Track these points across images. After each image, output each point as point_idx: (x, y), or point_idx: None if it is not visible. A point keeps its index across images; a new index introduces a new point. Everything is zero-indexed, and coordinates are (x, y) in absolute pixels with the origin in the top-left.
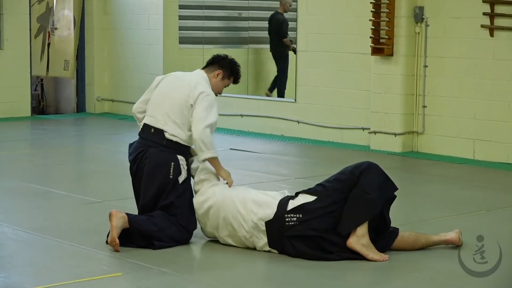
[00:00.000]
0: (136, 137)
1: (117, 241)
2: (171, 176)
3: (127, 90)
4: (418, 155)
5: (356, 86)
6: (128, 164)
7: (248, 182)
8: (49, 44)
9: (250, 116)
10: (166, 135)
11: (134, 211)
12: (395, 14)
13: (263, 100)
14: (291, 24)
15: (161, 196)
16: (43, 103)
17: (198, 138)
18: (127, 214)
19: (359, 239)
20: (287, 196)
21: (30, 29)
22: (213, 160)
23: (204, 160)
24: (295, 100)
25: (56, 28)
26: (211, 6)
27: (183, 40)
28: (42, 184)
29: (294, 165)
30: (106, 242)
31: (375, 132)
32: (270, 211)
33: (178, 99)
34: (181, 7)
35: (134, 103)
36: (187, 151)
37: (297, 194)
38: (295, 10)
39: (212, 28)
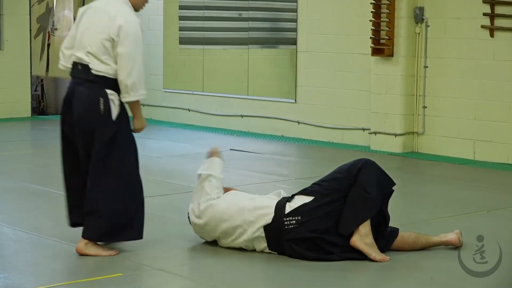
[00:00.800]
0: (137, 137)
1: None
2: (102, 112)
3: None
4: (418, 156)
5: (356, 86)
6: None
7: (249, 183)
8: (49, 45)
9: (250, 116)
10: (92, 71)
11: None
12: (395, 14)
13: (263, 100)
14: (291, 25)
15: (96, 136)
16: (43, 104)
17: (128, 81)
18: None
19: (363, 238)
20: (284, 198)
21: (30, 30)
22: (136, 104)
23: (127, 102)
24: (295, 100)
25: (56, 29)
26: (211, 7)
27: (183, 41)
28: (43, 184)
29: (295, 165)
30: None
31: (375, 133)
32: (267, 217)
33: (99, 32)
34: (181, 7)
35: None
36: (117, 84)
37: (293, 195)
38: (295, 10)
39: (212, 29)
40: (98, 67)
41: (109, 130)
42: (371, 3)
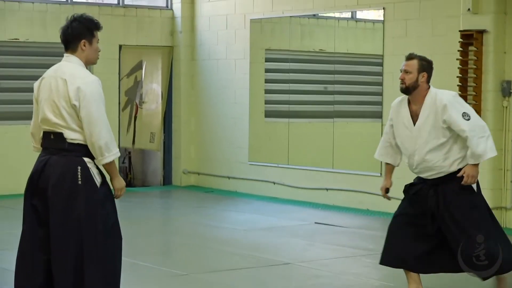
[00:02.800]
0: (223, 210)
1: None
2: (79, 182)
3: (214, 163)
4: (507, 231)
5: None
6: None
7: (333, 257)
8: (135, 117)
9: (335, 190)
10: (67, 139)
11: (221, 285)
12: (482, 88)
13: (348, 174)
14: (377, 98)
15: (71, 207)
16: (130, 176)
17: (101, 143)
18: None
19: None
20: None
21: (119, 102)
22: (112, 164)
23: (104, 164)
24: (381, 174)
25: (144, 102)
26: (296, 81)
27: (269, 114)
28: (129, 256)
29: (380, 239)
30: None
31: None
32: None
33: (60, 101)
34: (267, 81)
35: (220, 176)
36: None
37: None
38: (381, 83)
39: (297, 102)
40: (72, 135)
41: (89, 200)
42: (457, 77)
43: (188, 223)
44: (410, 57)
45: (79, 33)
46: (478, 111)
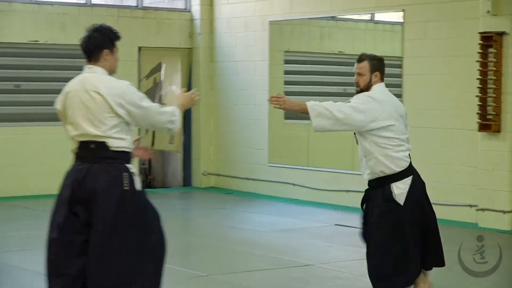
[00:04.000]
0: (242, 212)
1: None
2: (125, 187)
3: (233, 164)
4: None
5: (462, 162)
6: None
7: (354, 258)
8: None
9: (356, 191)
10: (111, 148)
11: (241, 286)
12: (502, 90)
13: None
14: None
15: (121, 212)
16: (150, 177)
17: (161, 129)
18: None
19: None
20: None
21: None
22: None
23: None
24: None
25: (163, 103)
26: (316, 82)
27: (288, 116)
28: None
29: None
30: None
31: (483, 210)
32: None
33: (102, 114)
34: (287, 83)
35: (240, 178)
36: (131, 158)
37: None
38: (400, 86)
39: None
40: (116, 143)
41: (136, 204)
42: (477, 79)
43: (208, 224)
44: (360, 59)
45: (101, 43)
46: (498, 113)
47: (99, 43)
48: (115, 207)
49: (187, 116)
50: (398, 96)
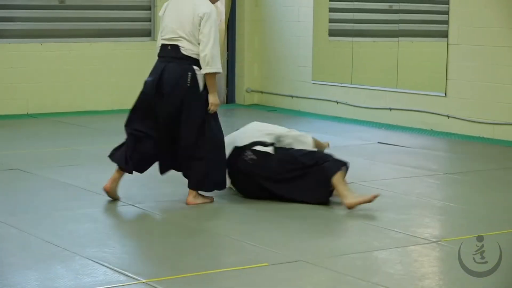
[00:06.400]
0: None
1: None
2: (188, 84)
3: (277, 81)
4: None
5: (509, 80)
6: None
7: (396, 176)
8: None
9: (399, 110)
10: (182, 50)
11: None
12: None
13: (412, 93)
14: (443, 17)
15: (183, 107)
16: None
17: (209, 53)
18: None
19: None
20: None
21: None
22: (212, 77)
23: (206, 73)
24: (445, 94)
25: None
26: None
27: (332, 33)
28: None
29: (443, 160)
30: None
31: None
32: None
33: (187, 19)
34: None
35: (283, 95)
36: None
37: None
38: (447, 2)
39: (362, 21)
40: (187, 46)
41: (198, 98)
42: None
43: None
44: None
45: None
46: None
47: None
48: (179, 97)
49: (230, 32)
50: (444, 13)
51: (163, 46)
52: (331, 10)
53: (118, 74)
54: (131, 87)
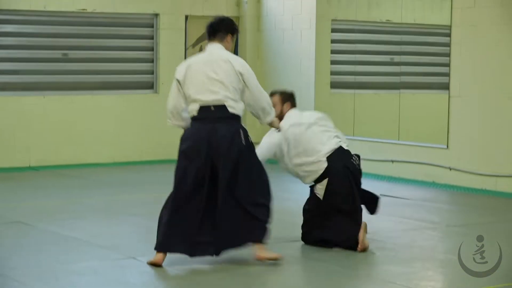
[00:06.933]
0: (288, 181)
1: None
2: (243, 143)
3: None
4: None
5: (511, 132)
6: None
7: (398, 229)
8: None
9: (401, 162)
10: (229, 109)
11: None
12: None
13: (414, 146)
14: (444, 69)
15: (240, 164)
16: None
17: (266, 105)
18: None
19: None
20: None
21: None
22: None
23: (269, 122)
24: (447, 146)
25: None
26: (363, 51)
27: (334, 85)
28: None
29: (446, 212)
30: None
31: None
32: None
33: (227, 77)
34: (333, 52)
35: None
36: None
37: None
38: (448, 55)
39: (363, 73)
40: (233, 105)
41: (250, 154)
42: None
43: None
44: (271, 94)
45: (230, 28)
46: None
47: (228, 27)
48: (236, 158)
49: None
50: (446, 65)
51: (204, 108)
52: (333, 62)
53: (120, 126)
54: (133, 140)
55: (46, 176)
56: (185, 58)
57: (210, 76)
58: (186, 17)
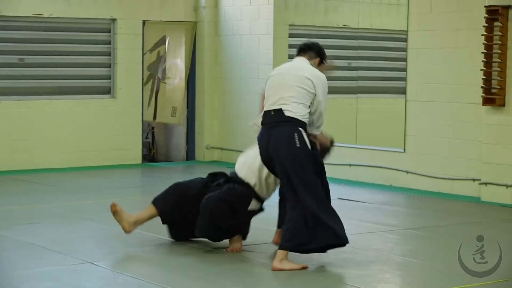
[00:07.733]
0: None
1: None
2: (297, 145)
3: (237, 138)
4: None
5: (467, 136)
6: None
7: (356, 232)
8: (157, 92)
9: (358, 165)
10: (285, 112)
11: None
12: (507, 64)
13: (371, 149)
14: (401, 74)
15: (296, 169)
16: (153, 151)
17: (320, 119)
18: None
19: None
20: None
21: (143, 78)
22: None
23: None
24: (404, 150)
25: (168, 77)
26: None
27: None
28: (153, 231)
29: (403, 215)
30: None
31: (486, 184)
32: None
33: (299, 84)
34: (291, 57)
35: (243, 152)
36: (305, 126)
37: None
38: (405, 59)
39: None
40: (293, 109)
41: (307, 158)
42: (482, 53)
43: None
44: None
45: (321, 53)
46: (503, 87)
47: (321, 52)
48: (291, 161)
49: (191, 90)
50: (402, 70)
51: (266, 113)
52: None
53: (77, 131)
54: (90, 145)
55: (2, 181)
56: (142, 63)
57: (280, 82)
58: (144, 22)
